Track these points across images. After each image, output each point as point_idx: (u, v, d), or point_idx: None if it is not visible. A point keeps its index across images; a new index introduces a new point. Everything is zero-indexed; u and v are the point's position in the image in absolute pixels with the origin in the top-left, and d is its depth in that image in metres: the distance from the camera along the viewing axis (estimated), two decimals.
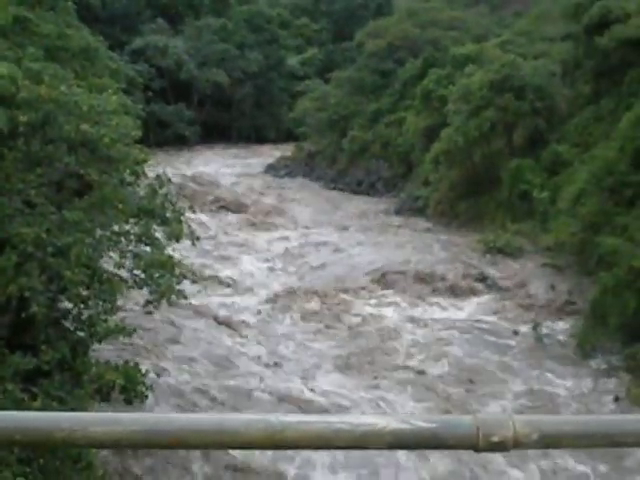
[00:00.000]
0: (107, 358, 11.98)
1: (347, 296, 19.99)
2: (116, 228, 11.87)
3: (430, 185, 29.30)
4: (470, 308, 19.41)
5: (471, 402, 13.97)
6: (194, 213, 14.72)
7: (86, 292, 10.66)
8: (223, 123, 54.92)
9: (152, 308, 12.47)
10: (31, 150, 11.02)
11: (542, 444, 1.35)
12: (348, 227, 28.08)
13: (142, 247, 12.05)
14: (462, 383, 14.97)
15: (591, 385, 14.88)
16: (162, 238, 12.43)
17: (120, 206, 11.45)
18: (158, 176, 13.09)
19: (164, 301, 12.08)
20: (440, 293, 20.39)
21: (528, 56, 29.15)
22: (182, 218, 12.74)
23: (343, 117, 39.47)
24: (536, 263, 21.30)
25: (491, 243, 22.93)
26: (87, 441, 1.34)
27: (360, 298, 20.02)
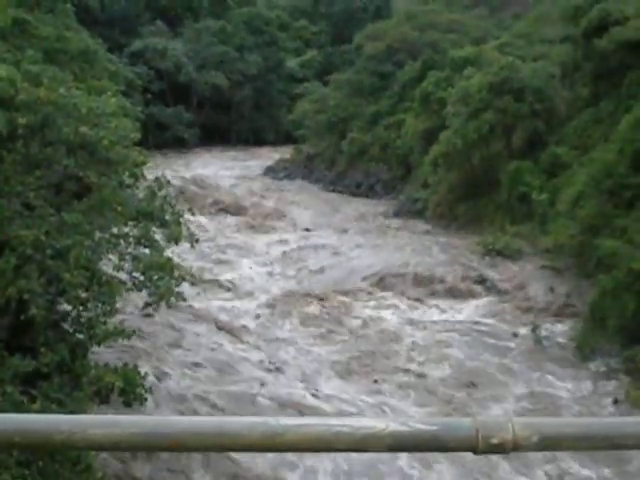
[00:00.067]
0: (108, 361, 11.95)
1: (347, 299, 19.97)
2: (115, 230, 11.87)
3: (429, 187, 29.29)
4: (469, 310, 19.41)
5: (473, 405, 13.96)
6: (193, 215, 14.69)
7: (85, 294, 10.66)
8: (222, 125, 54.91)
9: (151, 310, 12.47)
10: (30, 152, 11.02)
11: (542, 447, 1.35)
12: (347, 229, 28.07)
13: (141, 249, 12.05)
14: (463, 386, 14.97)
15: (590, 388, 14.87)
16: (161, 240, 12.43)
17: (119, 208, 11.45)
18: (157, 178, 13.09)
19: (163, 304, 12.09)
20: (439, 295, 20.39)
21: (527, 58, 29.17)
22: (181, 220, 12.75)
23: (342, 119, 39.47)
24: (535, 265, 21.29)
25: (490, 245, 22.93)
26: (86, 444, 1.34)
27: (359, 301, 20.00)
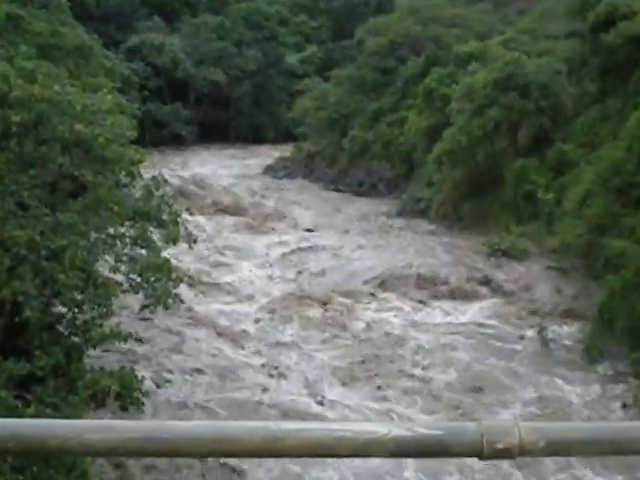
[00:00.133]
0: (104, 366, 11.94)
1: (349, 302, 19.94)
2: (111, 231, 11.87)
3: (433, 186, 29.26)
4: (474, 312, 19.39)
5: (480, 411, 13.90)
6: (191, 215, 14.69)
7: (81, 296, 10.66)
8: (221, 123, 54.86)
9: (149, 313, 12.48)
10: (24, 151, 11.02)
11: (549, 452, 1.34)
12: (349, 230, 28.05)
13: (138, 250, 12.05)
14: (470, 391, 14.95)
15: (599, 391, 14.86)
16: (158, 241, 12.43)
17: (115, 208, 11.45)
18: (154, 177, 13.09)
19: (161, 306, 12.09)
20: (443, 297, 20.38)
21: (532, 54, 29.13)
22: (179, 220, 12.75)
23: (343, 116, 39.44)
24: (541, 266, 21.27)
25: (495, 245, 22.92)
26: (82, 449, 1.33)
27: (362, 303, 19.98)
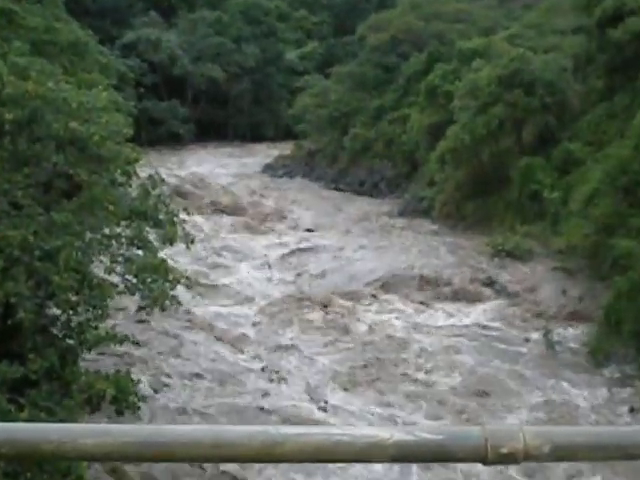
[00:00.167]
0: (100, 370, 11.93)
1: (350, 304, 19.93)
2: (107, 231, 11.87)
3: (436, 185, 29.26)
4: (478, 314, 19.39)
5: (486, 416, 13.86)
6: (188, 215, 14.68)
7: (75, 298, 10.66)
8: (219, 120, 54.86)
9: (145, 315, 12.47)
10: (17, 149, 11.03)
11: (554, 456, 1.34)
12: (350, 230, 28.05)
13: (134, 251, 12.05)
14: (475, 395, 14.93)
15: (606, 395, 14.85)
16: (155, 241, 12.43)
17: (111, 208, 11.44)
18: (151, 176, 13.10)
19: (157, 309, 12.09)
20: (446, 299, 20.37)
21: (538, 50, 29.12)
22: (176, 220, 12.74)
23: (344, 114, 39.44)
24: (547, 267, 21.26)
25: (499, 246, 22.91)
26: (77, 454, 1.33)
27: (363, 305, 19.97)
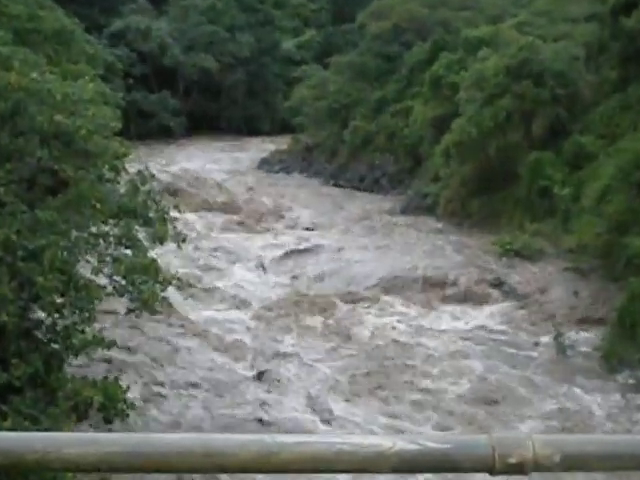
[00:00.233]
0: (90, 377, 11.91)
1: (351, 307, 19.91)
2: (94, 229, 11.86)
3: (440, 181, 29.26)
4: (485, 317, 19.39)
5: (497, 426, 13.77)
6: (180, 213, 14.67)
7: (61, 300, 10.64)
8: (211, 113, 54.83)
9: (134, 317, 12.46)
10: (0, 143, 11.01)
11: (565, 466, 1.34)
12: (350, 229, 28.05)
13: (122, 250, 12.04)
14: (485, 404, 14.89)
15: (620, 402, 14.85)
16: (145, 240, 12.42)
17: (98, 205, 11.44)
18: (140, 172, 13.08)
19: (148, 312, 12.08)
20: (452, 301, 20.37)
21: (548, 38, 29.11)
22: (166, 218, 12.74)
23: (344, 106, 39.42)
24: (557, 267, 21.26)
25: (507, 245, 22.91)
26: (62, 464, 1.33)
27: (365, 309, 19.96)
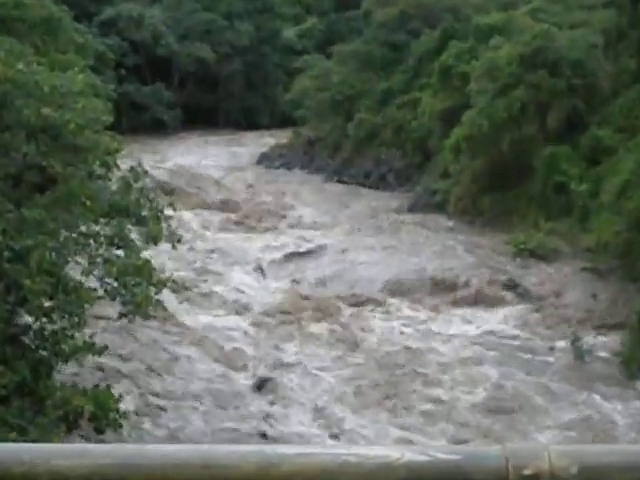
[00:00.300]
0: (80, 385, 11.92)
1: (357, 312, 19.91)
2: (84, 229, 11.87)
3: (450, 177, 29.25)
4: (499, 320, 19.37)
5: (515, 438, 13.69)
6: (175, 211, 14.67)
7: (49, 304, 10.65)
8: (208, 106, 54.81)
9: (128, 323, 12.46)
10: None
11: (583, 478, 1.33)
12: (355, 228, 28.03)
13: (114, 251, 12.04)
14: (500, 414, 14.87)
15: None
16: (138, 240, 12.42)
17: (88, 203, 11.44)
18: (133, 168, 13.09)
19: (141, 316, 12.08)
20: (464, 304, 20.36)
21: (564, 26, 29.09)
22: (160, 216, 12.73)
23: (348, 98, 39.42)
24: (574, 268, 21.25)
25: (521, 244, 22.91)
26: (51, 476, 1.33)
27: (372, 313, 19.95)
